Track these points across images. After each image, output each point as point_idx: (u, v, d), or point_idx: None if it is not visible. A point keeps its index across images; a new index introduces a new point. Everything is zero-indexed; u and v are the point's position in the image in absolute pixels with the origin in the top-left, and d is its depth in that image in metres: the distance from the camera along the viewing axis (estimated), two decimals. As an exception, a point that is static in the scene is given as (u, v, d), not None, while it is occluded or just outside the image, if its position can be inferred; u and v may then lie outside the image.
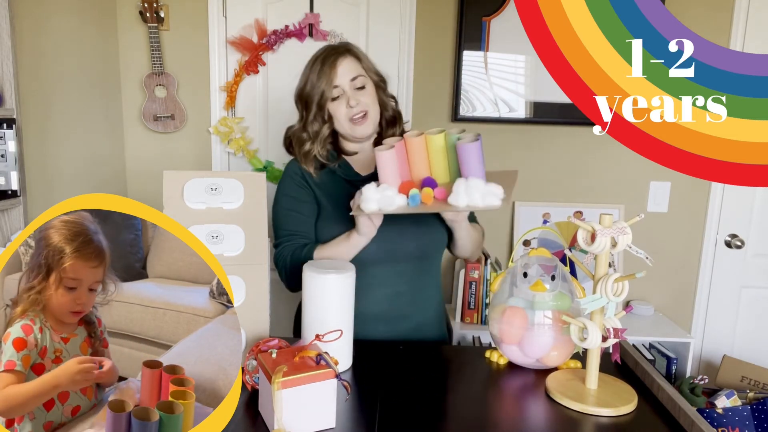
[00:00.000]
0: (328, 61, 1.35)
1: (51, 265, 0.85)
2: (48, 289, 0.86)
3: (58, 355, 0.86)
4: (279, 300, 1.61)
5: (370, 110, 1.37)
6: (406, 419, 1.01)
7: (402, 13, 2.48)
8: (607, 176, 2.59)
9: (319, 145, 1.39)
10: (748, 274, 2.62)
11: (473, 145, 1.14)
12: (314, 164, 1.41)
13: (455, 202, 1.12)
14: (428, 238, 1.41)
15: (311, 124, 1.38)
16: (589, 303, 1.05)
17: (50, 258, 0.85)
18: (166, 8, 2.48)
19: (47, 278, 0.85)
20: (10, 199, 1.75)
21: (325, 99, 1.35)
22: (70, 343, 0.88)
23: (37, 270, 0.85)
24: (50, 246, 0.86)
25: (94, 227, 0.89)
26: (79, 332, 0.90)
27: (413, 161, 1.22)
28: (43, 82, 2.03)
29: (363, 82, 1.36)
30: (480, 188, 1.11)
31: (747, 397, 2.14)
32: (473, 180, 1.12)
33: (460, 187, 1.12)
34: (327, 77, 1.34)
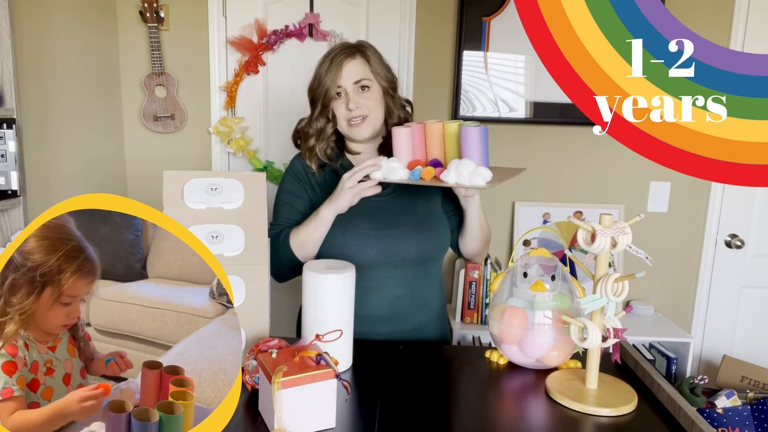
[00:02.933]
0: (336, 60, 1.35)
1: (46, 283, 0.82)
2: (39, 306, 0.82)
3: (49, 366, 0.84)
4: (279, 300, 1.61)
5: (371, 114, 1.37)
6: (406, 419, 1.01)
7: (402, 13, 2.48)
8: (607, 176, 2.59)
9: (323, 143, 1.40)
10: (748, 274, 2.62)
11: (474, 129, 1.21)
12: (317, 161, 1.42)
13: (445, 178, 1.20)
14: (428, 244, 1.40)
15: (316, 121, 1.40)
16: (589, 303, 1.05)
17: (47, 276, 0.82)
18: (166, 8, 2.48)
19: (40, 296, 0.82)
20: (10, 199, 1.75)
21: (329, 98, 1.36)
22: (57, 350, 0.86)
23: (27, 288, 0.81)
24: (44, 264, 0.81)
25: (81, 236, 0.86)
26: (63, 336, 0.88)
27: (430, 146, 1.29)
28: (43, 82, 2.03)
29: (368, 84, 1.36)
30: (469, 167, 1.18)
31: (747, 397, 2.13)
32: (465, 161, 1.19)
33: (452, 165, 1.20)
34: (333, 75, 1.34)
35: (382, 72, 1.39)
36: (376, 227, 1.36)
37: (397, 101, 1.43)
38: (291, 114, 2.57)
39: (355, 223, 1.35)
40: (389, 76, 1.40)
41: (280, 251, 1.34)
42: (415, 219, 1.40)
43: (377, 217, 1.37)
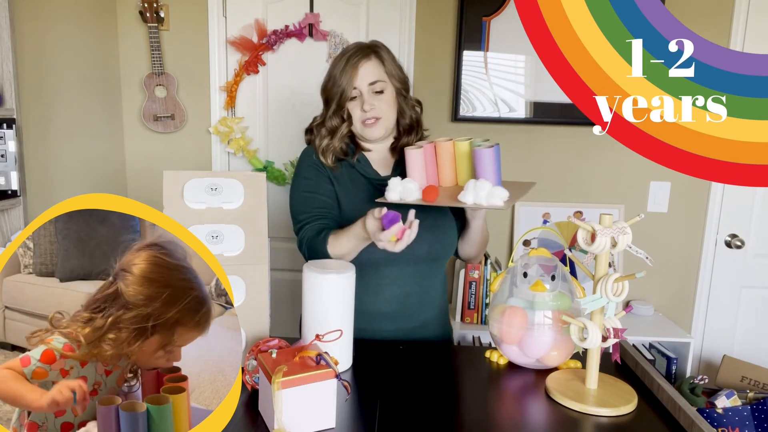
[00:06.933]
0: (352, 61, 1.36)
1: (157, 331, 0.76)
2: (142, 349, 0.76)
3: (96, 388, 0.80)
4: (279, 300, 1.61)
5: (384, 116, 1.39)
6: (406, 419, 1.01)
7: (402, 13, 2.48)
8: (607, 176, 2.59)
9: (338, 141, 1.42)
10: (748, 274, 2.62)
11: (487, 150, 1.23)
12: (332, 158, 1.43)
13: (463, 198, 1.20)
14: (439, 242, 1.42)
15: (330, 120, 1.41)
16: (589, 303, 1.05)
17: (159, 327, 0.76)
18: (166, 8, 2.48)
19: (146, 342, 0.76)
20: (10, 199, 1.75)
21: (345, 98, 1.38)
22: (110, 376, 0.82)
23: (135, 333, 0.75)
24: (161, 316, 0.75)
25: (201, 282, 0.79)
26: (123, 364, 0.83)
27: (441, 164, 1.32)
28: (43, 82, 2.03)
29: (382, 87, 1.38)
30: (486, 189, 1.18)
31: (747, 397, 2.13)
32: (482, 181, 1.20)
33: (470, 186, 1.20)
34: (348, 77, 1.36)
35: (395, 73, 1.41)
36: None
37: (409, 102, 1.45)
38: (291, 114, 2.57)
39: None
40: (402, 76, 1.43)
41: (319, 250, 1.33)
42: (428, 219, 1.41)
43: None
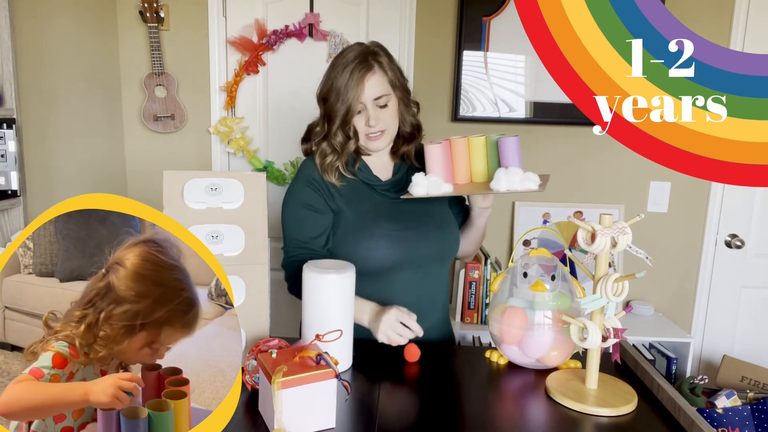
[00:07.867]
0: (356, 74, 1.30)
1: (145, 328, 0.76)
2: (129, 345, 0.77)
3: None
4: (279, 300, 1.61)
5: (389, 128, 1.37)
6: (406, 419, 1.01)
7: (402, 13, 2.48)
8: (607, 176, 2.59)
9: (343, 158, 1.37)
10: (748, 274, 2.62)
11: (512, 139, 1.28)
12: (336, 175, 1.38)
13: (496, 186, 1.24)
14: (446, 242, 1.42)
15: (335, 136, 1.35)
16: (589, 303, 1.05)
17: (147, 325, 0.76)
18: (166, 8, 2.48)
19: (133, 337, 0.76)
20: (10, 199, 1.75)
21: (351, 114, 1.33)
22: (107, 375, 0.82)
23: (124, 330, 0.76)
24: (150, 314, 0.76)
25: (192, 283, 0.80)
26: (114, 363, 0.84)
27: (456, 160, 1.34)
28: (43, 82, 2.03)
29: (386, 101, 1.34)
30: (519, 174, 1.24)
31: (747, 397, 2.13)
32: (512, 168, 1.24)
33: (501, 174, 1.24)
34: (355, 93, 1.30)
35: (398, 81, 1.37)
36: (400, 228, 1.36)
37: (410, 110, 1.42)
38: (291, 114, 2.57)
39: (381, 226, 1.35)
40: (403, 82, 1.39)
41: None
42: (434, 219, 1.41)
43: (401, 219, 1.37)
